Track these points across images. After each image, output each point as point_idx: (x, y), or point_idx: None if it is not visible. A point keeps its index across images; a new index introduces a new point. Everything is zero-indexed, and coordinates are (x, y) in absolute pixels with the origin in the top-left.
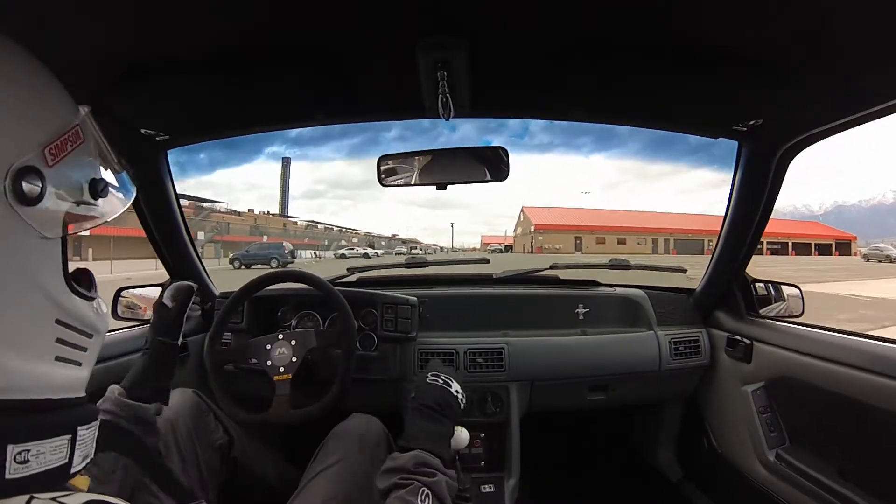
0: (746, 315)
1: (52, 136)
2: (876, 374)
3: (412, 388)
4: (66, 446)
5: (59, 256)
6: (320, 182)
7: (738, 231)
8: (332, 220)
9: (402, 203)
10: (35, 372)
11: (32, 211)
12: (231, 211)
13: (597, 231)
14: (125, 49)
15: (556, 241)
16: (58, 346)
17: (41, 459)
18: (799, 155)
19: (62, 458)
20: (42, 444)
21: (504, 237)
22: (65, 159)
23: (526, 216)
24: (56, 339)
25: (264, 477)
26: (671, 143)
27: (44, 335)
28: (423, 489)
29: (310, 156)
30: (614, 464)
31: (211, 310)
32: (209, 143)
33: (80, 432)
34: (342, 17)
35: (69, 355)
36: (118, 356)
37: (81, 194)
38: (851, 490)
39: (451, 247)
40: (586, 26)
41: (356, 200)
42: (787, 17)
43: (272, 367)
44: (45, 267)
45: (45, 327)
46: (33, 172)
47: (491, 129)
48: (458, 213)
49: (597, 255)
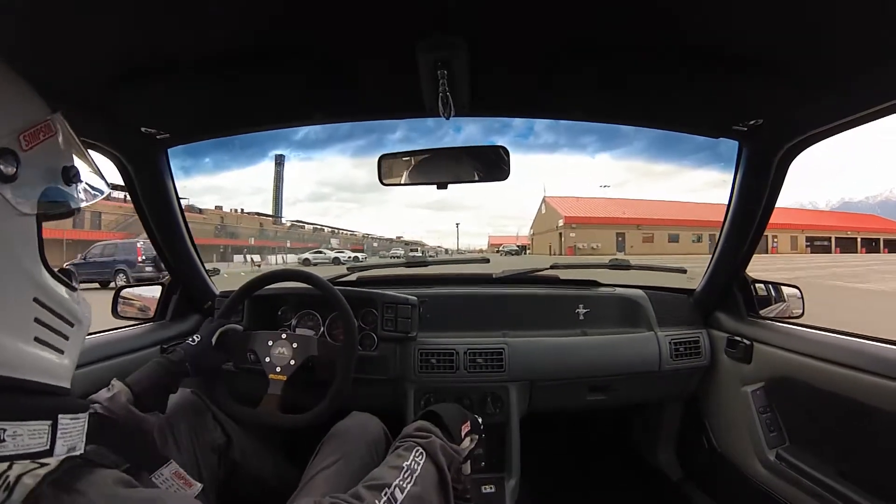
0: (747, 316)
1: (26, 125)
2: (875, 375)
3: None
4: (46, 432)
5: (35, 237)
6: (325, 185)
7: (739, 231)
8: (337, 222)
9: (407, 206)
10: (16, 349)
11: (9, 187)
12: (190, 207)
13: (643, 226)
14: (126, 48)
15: (591, 238)
16: (36, 326)
17: (18, 442)
18: (803, 152)
19: (42, 443)
20: (20, 425)
21: (516, 237)
22: (38, 146)
23: (550, 208)
24: (34, 318)
25: (263, 477)
26: (677, 141)
27: (22, 312)
28: (418, 448)
29: (314, 158)
30: (615, 464)
31: (211, 309)
32: (212, 147)
33: (62, 420)
34: (342, 16)
35: (49, 339)
36: (118, 356)
37: (56, 179)
38: (851, 490)
39: (456, 248)
40: (586, 26)
41: (361, 203)
42: (787, 17)
43: (269, 364)
44: (21, 244)
45: (22, 305)
46: (9, 154)
47: (495, 130)
48: (462, 215)
49: (645, 257)
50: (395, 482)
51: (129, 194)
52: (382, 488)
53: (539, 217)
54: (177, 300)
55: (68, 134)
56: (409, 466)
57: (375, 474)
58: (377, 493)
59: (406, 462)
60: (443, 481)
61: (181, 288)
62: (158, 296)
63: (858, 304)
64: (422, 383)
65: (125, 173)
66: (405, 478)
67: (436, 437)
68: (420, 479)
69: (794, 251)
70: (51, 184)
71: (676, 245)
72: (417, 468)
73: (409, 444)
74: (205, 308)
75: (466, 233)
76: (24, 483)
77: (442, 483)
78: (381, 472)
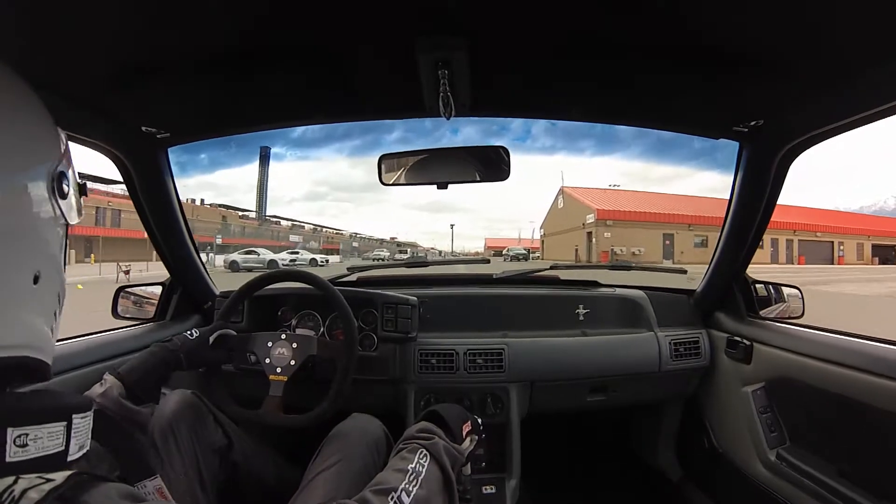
0: (747, 316)
1: (64, 148)
2: (875, 375)
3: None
4: (62, 433)
5: (65, 242)
6: (322, 184)
7: (739, 232)
8: (332, 222)
9: (403, 207)
10: (47, 335)
11: (64, 203)
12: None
13: (696, 225)
14: (126, 47)
15: (631, 241)
16: (52, 319)
17: (39, 444)
18: (798, 160)
19: (59, 444)
20: (40, 428)
21: (518, 240)
22: (71, 165)
23: (572, 200)
24: (53, 311)
25: (264, 478)
26: (673, 146)
27: (52, 305)
28: (422, 450)
29: (311, 157)
30: (615, 464)
31: (211, 309)
32: (209, 145)
33: (74, 420)
34: (342, 15)
35: (55, 326)
36: (118, 356)
37: (78, 193)
38: (851, 489)
39: (450, 251)
40: (586, 26)
41: (358, 203)
42: (787, 17)
43: (270, 365)
44: (60, 248)
45: (53, 298)
46: (64, 175)
47: (493, 132)
48: (458, 217)
49: (702, 266)
50: (402, 486)
51: (129, 194)
52: (389, 492)
53: (554, 213)
54: (177, 300)
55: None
56: (414, 469)
57: (381, 478)
58: (384, 497)
59: (411, 465)
60: (447, 483)
61: (181, 288)
62: (158, 296)
63: None
64: (422, 384)
65: (125, 173)
66: (410, 481)
67: (439, 438)
68: (425, 482)
69: (860, 261)
70: (77, 196)
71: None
72: (422, 470)
73: (413, 446)
74: (205, 308)
75: (462, 235)
76: (28, 497)
77: (447, 484)
78: (387, 475)
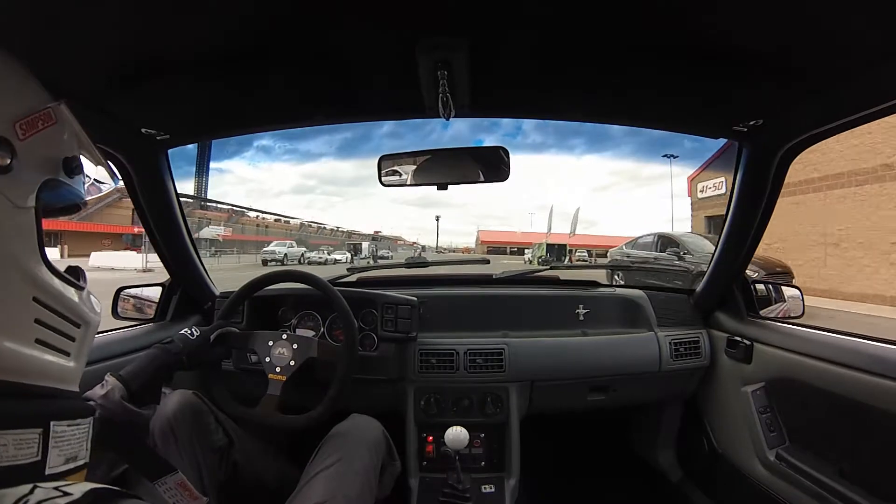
0: (747, 316)
1: (23, 112)
2: (875, 375)
3: None
4: (35, 441)
5: (34, 231)
6: (310, 177)
7: (739, 232)
8: (321, 216)
9: (392, 202)
10: (14, 352)
11: (4, 178)
12: None
13: None
14: (126, 48)
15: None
16: (38, 327)
17: (1, 452)
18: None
19: (31, 454)
20: (4, 434)
21: (524, 233)
22: (36, 135)
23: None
24: (35, 319)
25: (264, 477)
26: (666, 145)
27: (20, 313)
28: None
29: (299, 150)
30: (614, 464)
31: (211, 310)
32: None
33: (54, 427)
34: (342, 17)
35: (52, 341)
36: (118, 356)
37: (56, 171)
38: (851, 489)
39: (435, 246)
40: (586, 26)
41: (345, 197)
42: (787, 17)
43: (270, 364)
44: (18, 239)
45: (21, 305)
46: (4, 143)
47: (484, 128)
48: (448, 212)
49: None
50: None
51: (129, 195)
52: None
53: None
54: (177, 301)
55: (71, 124)
56: None
57: None
58: None
59: None
60: None
61: (181, 288)
62: (158, 296)
63: None
64: (422, 383)
65: (125, 174)
66: None
67: None
68: None
69: None
70: (50, 175)
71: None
72: None
73: None
74: (205, 309)
75: (451, 231)
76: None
77: None
78: None
